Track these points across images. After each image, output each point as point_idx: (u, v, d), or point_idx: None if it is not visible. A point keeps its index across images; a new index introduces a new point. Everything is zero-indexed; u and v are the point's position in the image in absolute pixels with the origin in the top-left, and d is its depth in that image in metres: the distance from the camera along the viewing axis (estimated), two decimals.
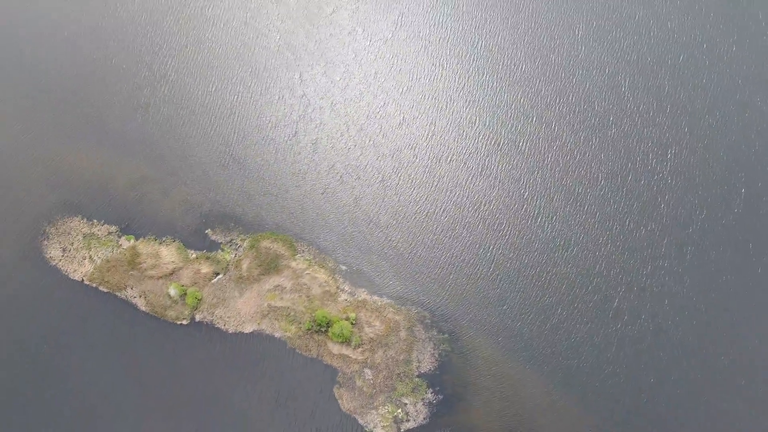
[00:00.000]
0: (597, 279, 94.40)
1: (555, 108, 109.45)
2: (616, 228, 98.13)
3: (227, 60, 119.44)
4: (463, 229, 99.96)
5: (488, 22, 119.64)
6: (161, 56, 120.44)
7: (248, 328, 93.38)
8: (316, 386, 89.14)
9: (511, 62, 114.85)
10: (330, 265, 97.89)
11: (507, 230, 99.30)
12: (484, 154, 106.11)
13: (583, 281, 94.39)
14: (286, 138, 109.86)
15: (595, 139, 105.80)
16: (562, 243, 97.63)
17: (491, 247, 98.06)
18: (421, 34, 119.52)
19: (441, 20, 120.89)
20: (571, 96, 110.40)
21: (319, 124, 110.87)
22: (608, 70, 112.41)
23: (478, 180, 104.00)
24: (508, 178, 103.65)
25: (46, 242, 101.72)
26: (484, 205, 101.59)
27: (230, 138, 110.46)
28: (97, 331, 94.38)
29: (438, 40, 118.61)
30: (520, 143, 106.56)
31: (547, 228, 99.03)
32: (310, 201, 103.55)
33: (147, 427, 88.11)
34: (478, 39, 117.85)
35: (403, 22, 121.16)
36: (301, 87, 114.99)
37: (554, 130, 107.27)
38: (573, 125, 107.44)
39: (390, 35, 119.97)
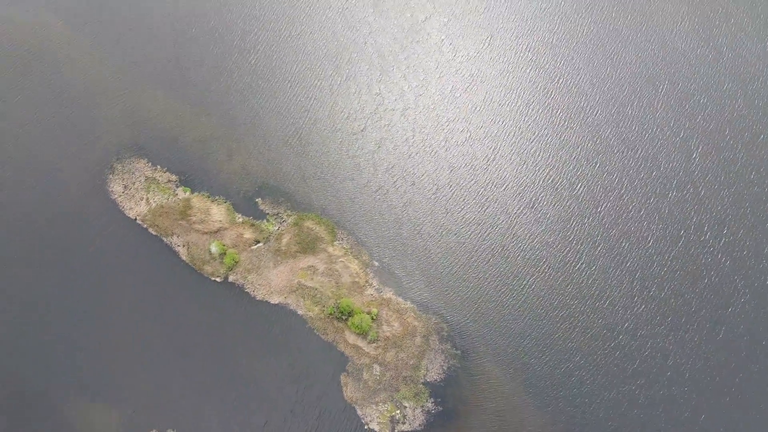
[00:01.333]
0: (622, 336, 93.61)
1: (620, 159, 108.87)
2: (654, 291, 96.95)
3: (315, 45, 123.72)
4: (502, 257, 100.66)
5: (573, 60, 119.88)
6: (255, 27, 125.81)
7: (275, 299, 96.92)
8: (328, 370, 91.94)
9: (586, 104, 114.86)
10: (364, 258, 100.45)
11: (544, 268, 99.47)
12: (538, 189, 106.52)
13: (607, 335, 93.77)
14: (353, 131, 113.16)
15: (654, 199, 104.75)
16: (596, 293, 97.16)
17: (525, 280, 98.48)
18: (504, 59, 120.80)
19: (527, 49, 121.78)
20: (639, 150, 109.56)
21: (387, 124, 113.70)
22: (683, 134, 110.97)
23: (527, 213, 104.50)
24: (557, 218, 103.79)
25: (111, 176, 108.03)
26: (527, 239, 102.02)
27: (300, 119, 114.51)
28: (136, 269, 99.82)
29: (520, 68, 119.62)
30: (577, 186, 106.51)
31: (585, 275, 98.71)
32: (361, 195, 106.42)
33: (161, 370, 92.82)
34: (559, 75, 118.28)
35: (490, 44, 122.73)
36: (378, 86, 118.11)
37: (614, 180, 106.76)
38: (634, 180, 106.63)
39: (475, 53, 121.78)
